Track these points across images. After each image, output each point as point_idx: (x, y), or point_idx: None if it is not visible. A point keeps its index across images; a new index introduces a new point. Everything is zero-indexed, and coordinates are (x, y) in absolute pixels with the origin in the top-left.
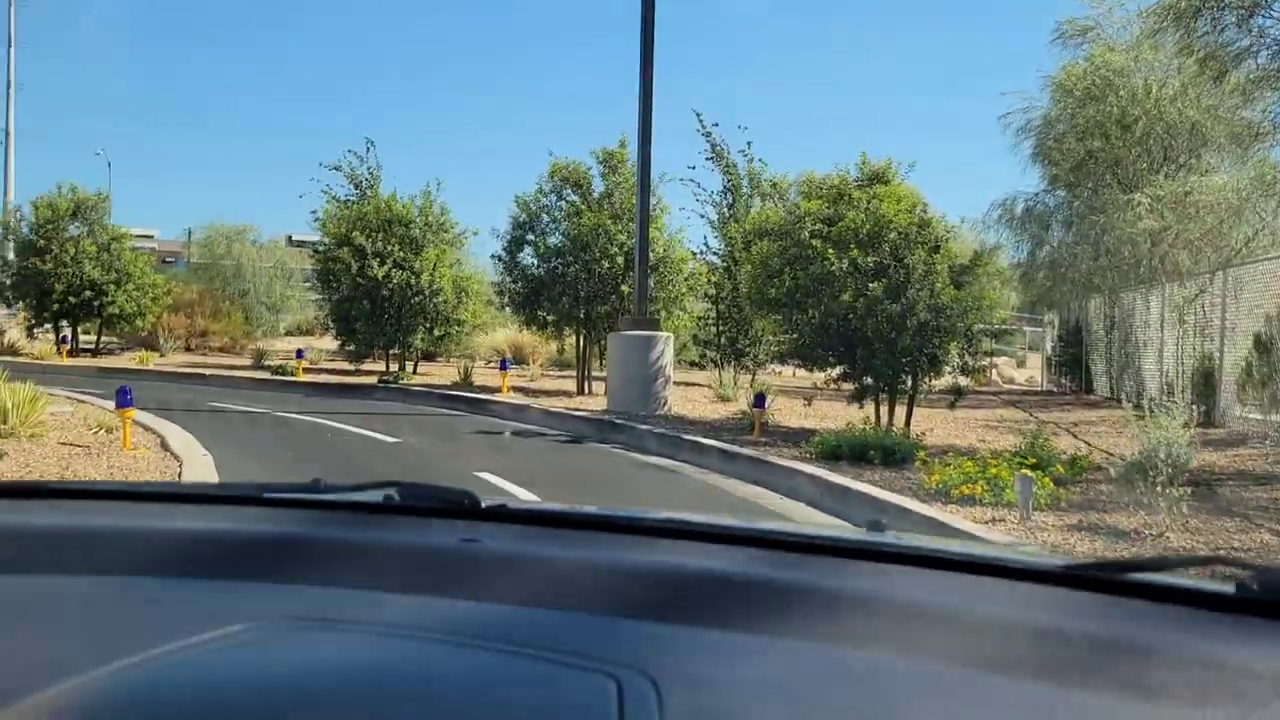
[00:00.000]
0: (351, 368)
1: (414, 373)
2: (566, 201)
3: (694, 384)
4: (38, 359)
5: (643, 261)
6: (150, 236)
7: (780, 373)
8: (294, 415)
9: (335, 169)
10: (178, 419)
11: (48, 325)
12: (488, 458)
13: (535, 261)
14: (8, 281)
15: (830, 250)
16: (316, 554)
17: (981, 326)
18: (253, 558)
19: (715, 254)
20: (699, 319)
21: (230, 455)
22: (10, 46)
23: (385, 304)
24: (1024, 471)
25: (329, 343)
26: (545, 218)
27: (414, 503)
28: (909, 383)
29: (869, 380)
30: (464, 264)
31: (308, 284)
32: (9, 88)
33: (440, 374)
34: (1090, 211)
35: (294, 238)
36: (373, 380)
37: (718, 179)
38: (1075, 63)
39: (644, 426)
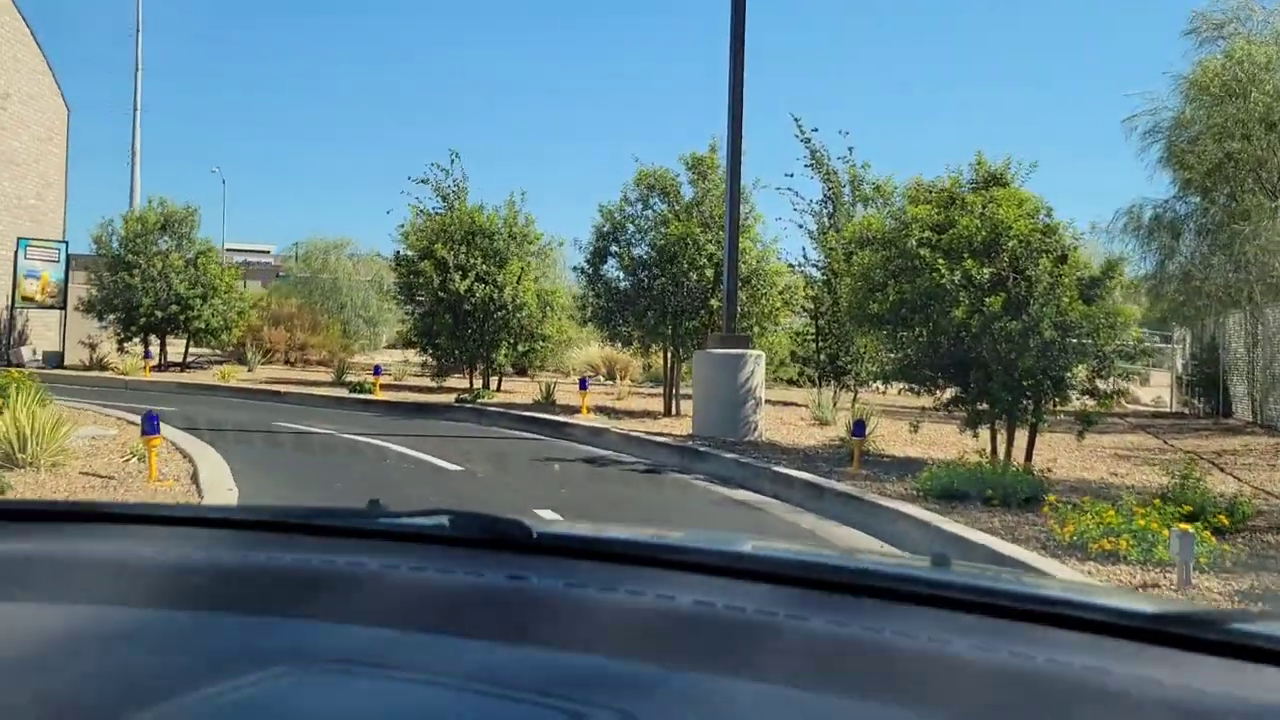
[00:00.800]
0: (433, 384)
1: (498, 390)
2: (653, 210)
3: (790, 403)
4: (122, 374)
5: (732, 273)
6: (266, 251)
7: (884, 391)
8: (358, 437)
9: (422, 182)
10: (226, 443)
11: (138, 339)
12: (551, 490)
13: (620, 274)
14: (99, 296)
15: (941, 261)
16: (362, 590)
17: (1118, 346)
18: (294, 591)
19: (815, 266)
20: (797, 335)
21: (264, 486)
22: (137, 72)
23: (468, 318)
24: (1182, 526)
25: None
26: (630, 228)
27: (464, 533)
28: (1030, 408)
29: (984, 405)
30: (551, 276)
31: (394, 297)
32: (135, 111)
33: (524, 391)
34: (1229, 219)
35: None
36: (451, 399)
37: (817, 187)
38: (1212, 58)
39: (730, 455)
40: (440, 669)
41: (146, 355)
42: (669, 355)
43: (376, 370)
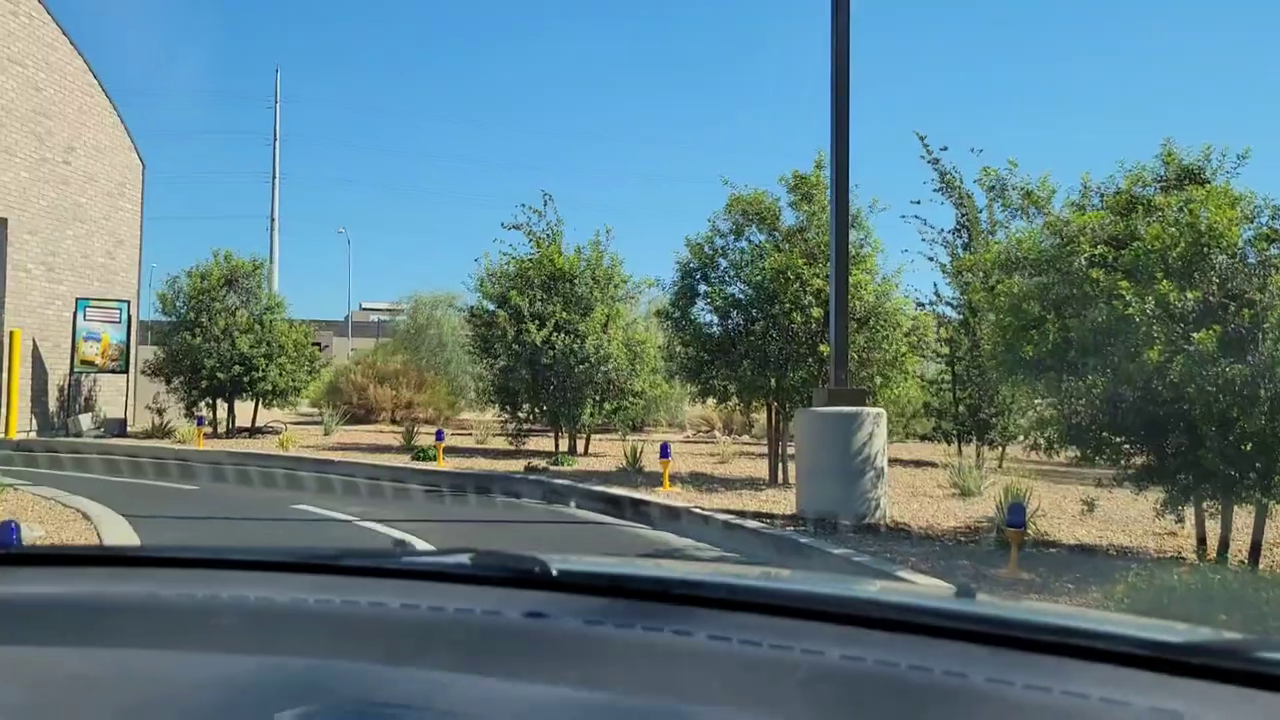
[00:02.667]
0: (512, 447)
1: (584, 452)
2: (749, 242)
3: (924, 464)
4: (180, 442)
5: (840, 312)
6: (400, 310)
7: (1039, 442)
8: (377, 526)
9: (515, 228)
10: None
11: (204, 404)
12: None
13: (711, 318)
14: (164, 358)
15: (1123, 284)
16: (383, 629)
17: None
18: (317, 631)
19: (949, 303)
20: (930, 383)
21: None
22: (275, 141)
23: (547, 373)
24: None
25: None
26: (722, 262)
27: (485, 572)
28: (1257, 483)
29: (1189, 479)
30: (640, 324)
31: (469, 352)
32: (274, 179)
33: (613, 454)
34: None
35: None
36: (522, 466)
37: (948, 214)
38: None
39: (840, 550)
40: (459, 708)
41: (199, 422)
42: (772, 413)
43: (439, 435)
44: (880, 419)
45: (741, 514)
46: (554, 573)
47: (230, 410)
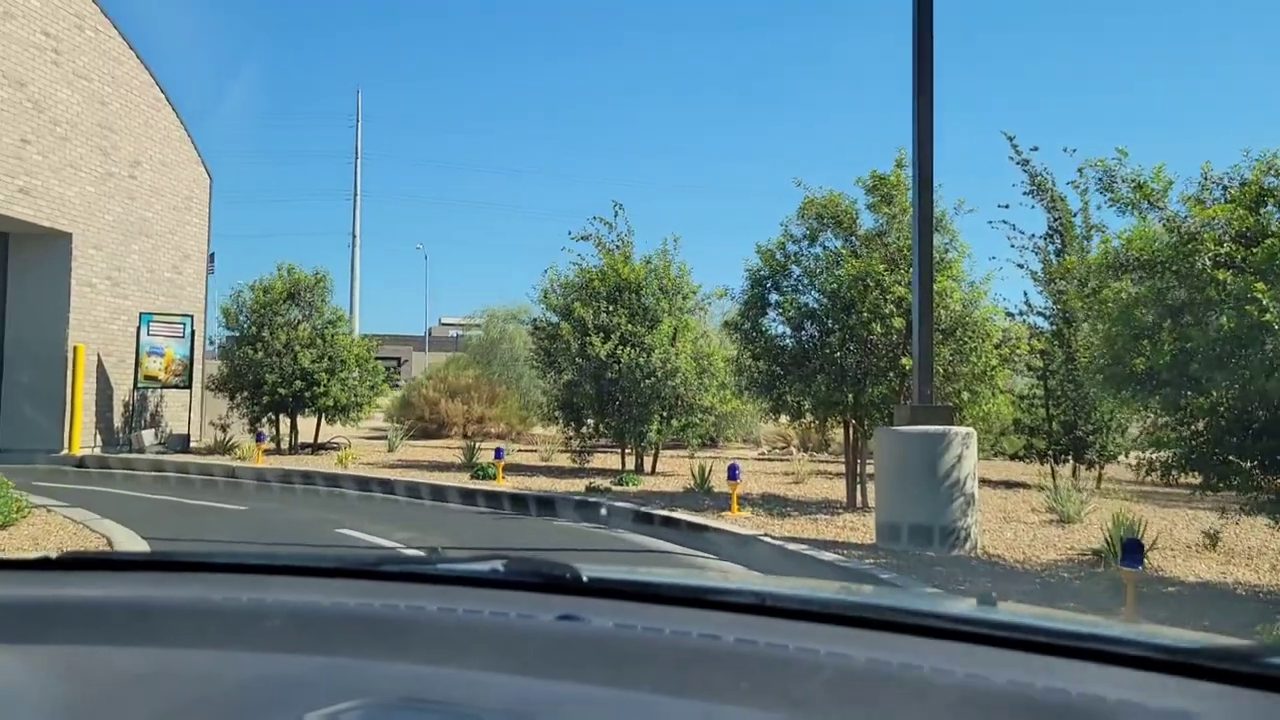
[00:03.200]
0: (575, 464)
1: (651, 471)
2: (824, 248)
3: (1015, 485)
4: (240, 459)
5: (925, 321)
6: (477, 324)
7: (1140, 460)
8: (421, 554)
9: (584, 239)
10: None
11: (267, 420)
12: None
13: (783, 329)
14: (227, 373)
15: (1259, 286)
16: (421, 631)
17: None
18: (359, 633)
19: (1040, 313)
20: (1021, 398)
21: None
22: (356, 159)
23: (612, 388)
24: None
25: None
26: (795, 269)
27: (518, 577)
28: None
29: None
30: (711, 336)
31: (533, 366)
32: (355, 196)
33: (681, 473)
34: None
35: None
36: (584, 486)
37: (1038, 218)
38: None
39: (925, 589)
40: (495, 705)
41: (259, 438)
42: (850, 431)
43: (498, 454)
44: (970, 439)
45: (816, 543)
46: (584, 578)
47: (293, 426)
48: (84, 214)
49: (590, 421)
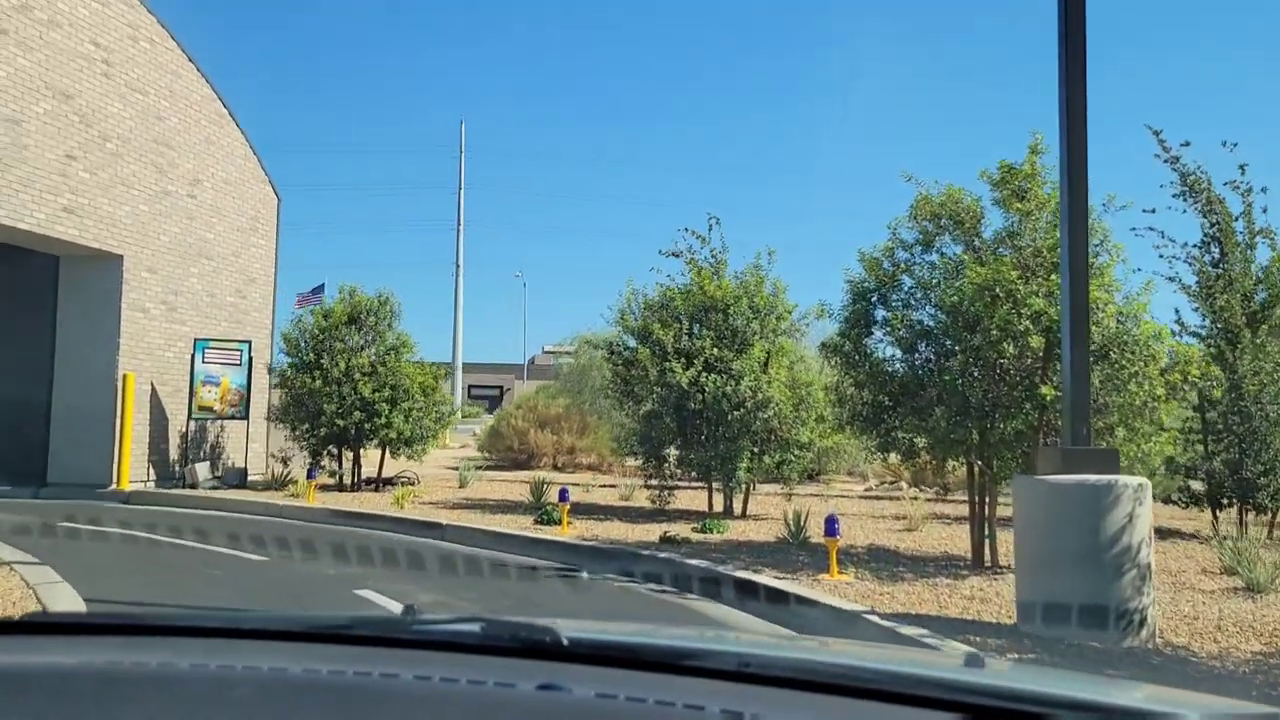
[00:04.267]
0: (654, 505)
1: (741, 514)
2: (940, 255)
3: (1169, 532)
4: (295, 495)
5: (1078, 342)
6: (570, 354)
7: None
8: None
9: (674, 255)
10: None
11: (328, 453)
12: None
13: (893, 352)
14: (286, 402)
15: None
16: (396, 702)
17: None
18: (331, 703)
19: (1195, 332)
20: (1181, 433)
21: None
22: (460, 189)
23: (695, 420)
24: None
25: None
26: (907, 280)
27: (496, 641)
28: None
29: None
30: (807, 361)
31: (609, 395)
32: (458, 226)
33: (775, 514)
34: None
35: None
36: (659, 534)
37: (1190, 223)
38: None
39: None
40: None
41: (310, 474)
42: (975, 474)
43: (563, 495)
44: (1143, 492)
45: (939, 622)
46: (565, 642)
47: (355, 460)
48: (137, 235)
49: (672, 457)
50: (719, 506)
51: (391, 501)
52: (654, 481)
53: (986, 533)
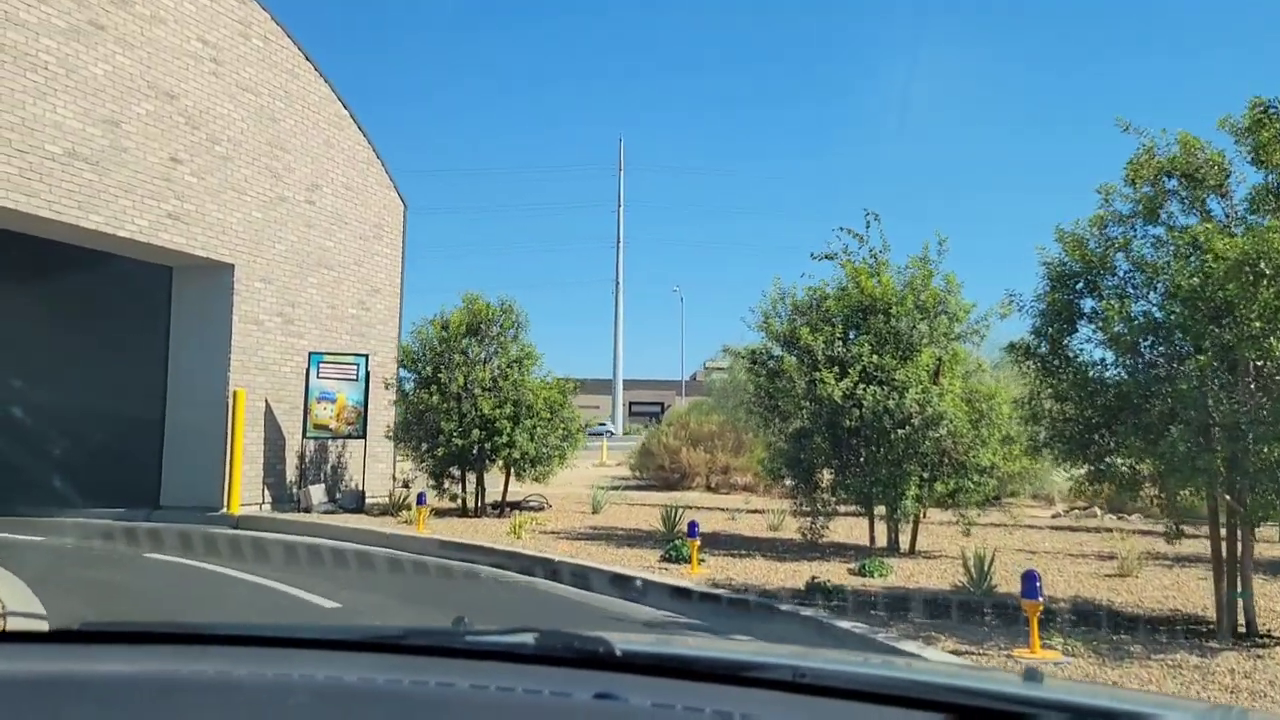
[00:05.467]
0: (807, 538)
1: (909, 549)
2: (1168, 227)
3: None
4: (408, 522)
5: None
6: (724, 368)
7: None
8: None
9: (827, 258)
10: None
11: (450, 474)
12: None
13: (1104, 354)
14: (405, 420)
15: None
16: (452, 710)
17: None
18: (387, 711)
19: None
20: None
21: None
22: (619, 206)
23: (851, 439)
24: None
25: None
26: (1122, 262)
27: (549, 651)
28: None
29: None
30: (986, 370)
31: (750, 410)
32: (618, 243)
33: (951, 548)
34: None
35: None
36: (807, 577)
37: None
38: None
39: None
40: None
41: (420, 499)
42: (1223, 514)
43: (692, 529)
44: None
45: None
46: (618, 653)
47: (479, 482)
48: (250, 243)
49: (826, 481)
50: (881, 539)
51: (508, 530)
52: (804, 508)
53: (1239, 583)
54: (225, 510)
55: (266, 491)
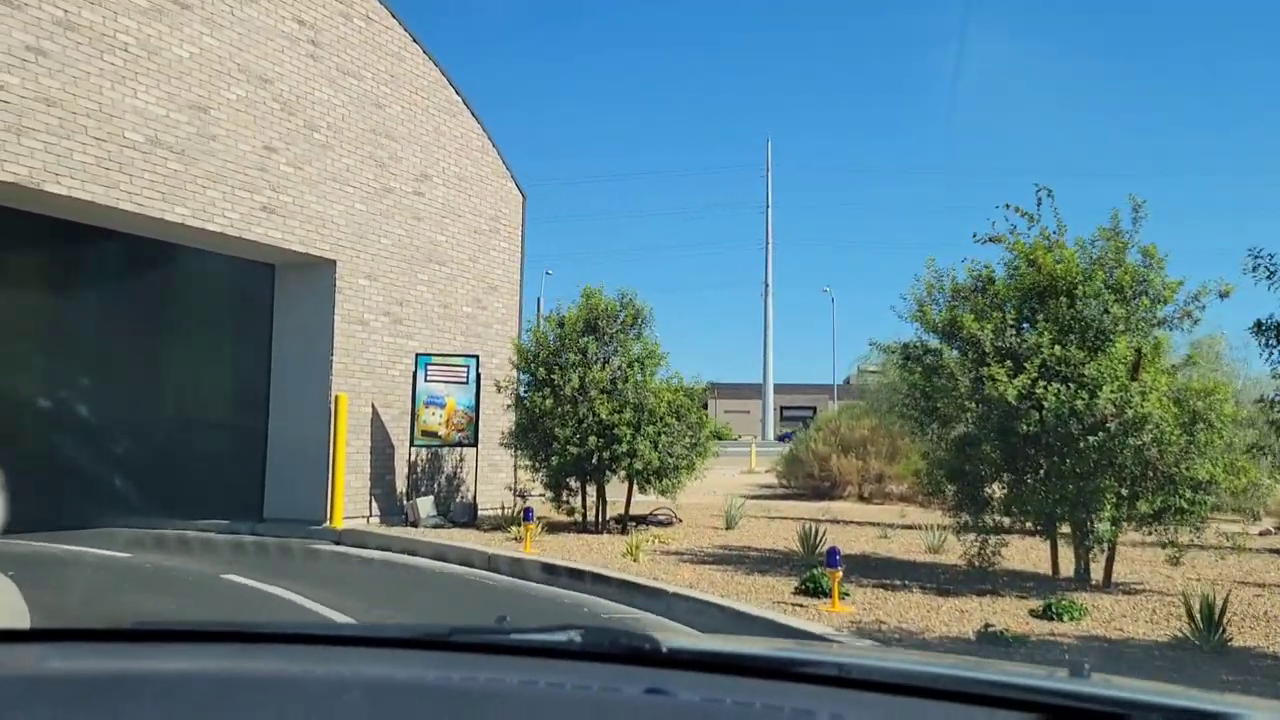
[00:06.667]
0: (971, 566)
1: (1103, 581)
2: None
3: None
4: (516, 539)
5: None
6: (878, 370)
7: None
8: None
9: (992, 241)
10: None
11: (567, 485)
12: None
13: None
14: (518, 426)
15: None
16: (504, 704)
17: None
18: (439, 706)
19: None
20: None
21: None
22: (768, 209)
23: (1029, 448)
24: None
25: None
26: None
27: (596, 648)
28: None
29: None
30: (1199, 362)
31: (904, 414)
32: (767, 245)
33: (1153, 578)
34: None
35: None
36: (978, 623)
37: None
38: None
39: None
40: None
41: (527, 515)
42: None
43: (832, 558)
44: None
45: None
46: (664, 650)
47: (599, 495)
48: (353, 238)
49: (995, 499)
50: (1066, 567)
51: (624, 551)
52: (968, 525)
53: None
54: (328, 524)
55: (374, 503)
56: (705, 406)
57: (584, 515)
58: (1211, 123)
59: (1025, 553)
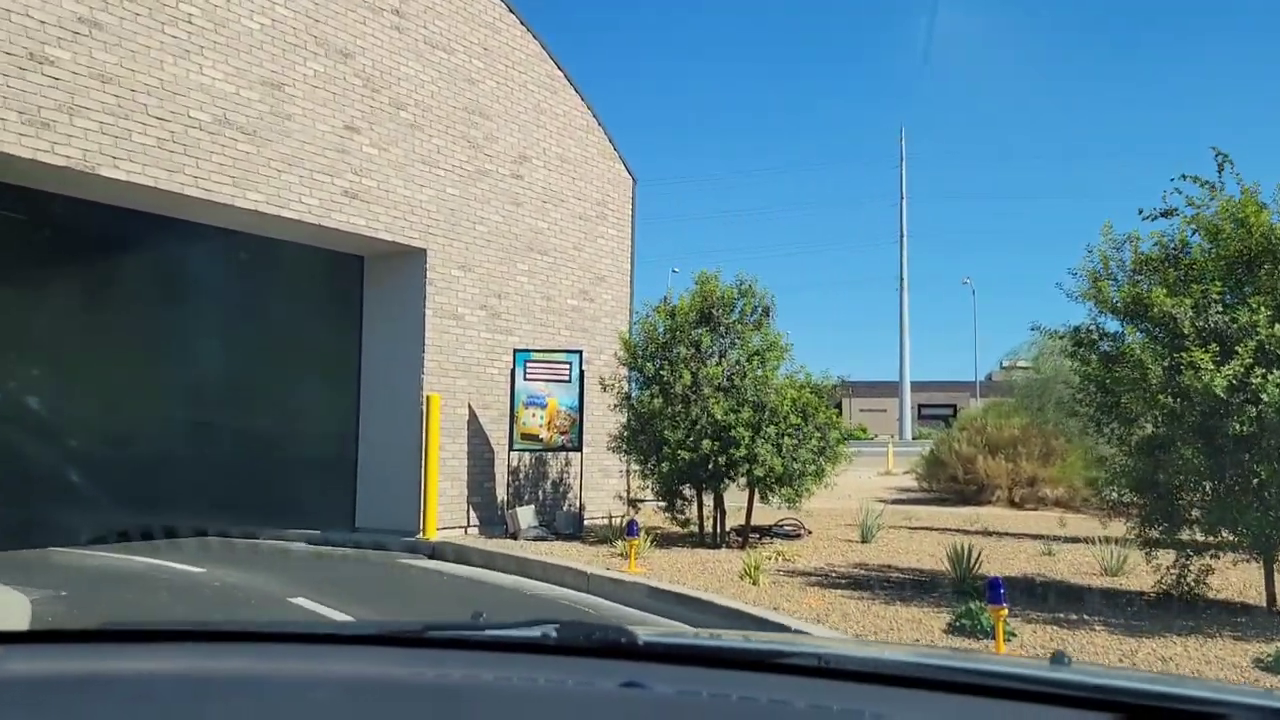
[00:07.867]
0: (1177, 590)
1: None
2: None
3: None
4: (620, 555)
5: None
6: (1027, 366)
7: None
8: None
9: (1165, 215)
10: None
11: (680, 493)
12: None
13: None
14: (628, 428)
15: None
16: (478, 700)
17: None
18: (411, 703)
19: None
20: None
21: None
22: (902, 200)
23: (1241, 452)
24: None
25: None
26: None
27: (571, 643)
28: None
29: None
30: None
31: (1077, 411)
32: (901, 239)
33: None
34: None
35: None
36: (1181, 661)
37: None
38: None
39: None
40: None
41: (630, 529)
42: None
43: (995, 592)
44: None
45: None
46: (640, 643)
47: (717, 504)
48: (446, 225)
49: (1195, 514)
50: None
51: (742, 571)
52: (1155, 539)
53: None
54: (420, 535)
55: (472, 513)
56: (838, 406)
57: (700, 527)
58: None
59: (1223, 574)
